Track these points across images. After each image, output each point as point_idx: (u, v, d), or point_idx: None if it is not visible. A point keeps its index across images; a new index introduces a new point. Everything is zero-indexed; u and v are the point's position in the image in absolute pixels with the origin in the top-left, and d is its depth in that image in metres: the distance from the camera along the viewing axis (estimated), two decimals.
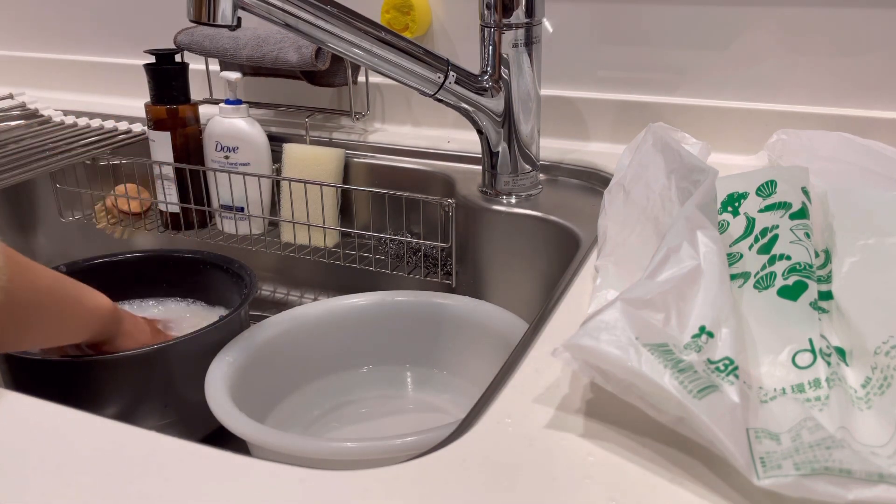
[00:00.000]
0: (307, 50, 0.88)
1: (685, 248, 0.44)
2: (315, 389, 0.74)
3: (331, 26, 0.66)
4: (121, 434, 0.42)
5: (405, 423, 0.72)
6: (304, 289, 1.00)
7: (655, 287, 0.42)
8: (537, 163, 0.82)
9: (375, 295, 0.77)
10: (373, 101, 1.00)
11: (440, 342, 0.76)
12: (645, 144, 0.63)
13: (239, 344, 0.68)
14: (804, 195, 0.50)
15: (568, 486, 0.37)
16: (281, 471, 0.38)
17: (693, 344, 0.40)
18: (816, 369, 0.41)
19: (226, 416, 0.58)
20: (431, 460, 0.39)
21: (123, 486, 0.37)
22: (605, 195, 0.63)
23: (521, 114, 0.78)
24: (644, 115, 0.86)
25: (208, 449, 0.40)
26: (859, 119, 0.79)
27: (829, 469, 0.33)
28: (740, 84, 0.84)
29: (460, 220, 0.82)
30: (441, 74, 0.72)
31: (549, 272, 0.77)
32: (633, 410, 0.39)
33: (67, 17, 1.21)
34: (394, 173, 0.92)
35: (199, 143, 0.93)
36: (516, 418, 0.42)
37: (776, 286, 0.46)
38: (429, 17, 0.94)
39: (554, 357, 0.40)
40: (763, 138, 0.78)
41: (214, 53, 0.94)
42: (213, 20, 0.62)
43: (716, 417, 0.35)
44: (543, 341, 0.50)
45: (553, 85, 0.90)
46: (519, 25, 0.75)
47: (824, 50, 0.80)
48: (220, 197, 0.93)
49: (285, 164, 0.92)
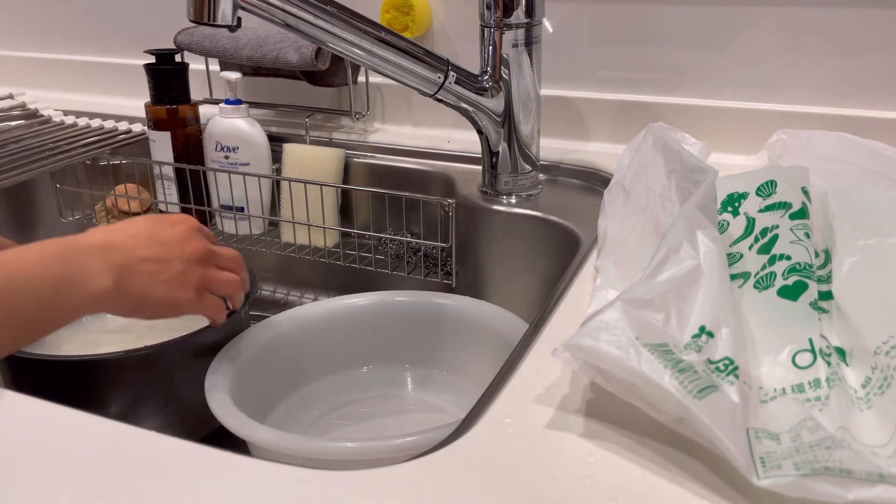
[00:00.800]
0: (307, 50, 0.88)
1: (685, 248, 0.44)
2: (315, 389, 0.74)
3: (331, 26, 0.66)
4: (121, 434, 0.41)
5: (405, 423, 0.72)
6: (304, 289, 1.00)
7: (655, 287, 0.42)
8: (537, 163, 0.82)
9: (375, 295, 0.77)
10: (373, 101, 1.00)
11: (440, 342, 0.76)
12: (645, 144, 0.63)
13: (239, 344, 0.68)
14: (804, 195, 0.50)
15: (568, 486, 0.37)
16: (281, 471, 0.38)
17: (693, 344, 0.40)
18: (816, 369, 0.41)
19: (226, 416, 0.58)
20: (431, 460, 0.39)
21: (123, 486, 0.37)
22: (605, 195, 0.63)
23: (521, 114, 0.78)
24: (644, 115, 0.86)
25: (208, 449, 0.40)
26: (859, 119, 0.79)
27: (829, 469, 0.33)
28: (740, 84, 0.84)
29: (460, 220, 0.82)
30: (441, 74, 0.72)
31: (549, 272, 0.77)
32: (633, 410, 0.39)
33: (67, 17, 1.21)
34: (394, 173, 0.92)
35: (199, 143, 0.93)
36: (516, 418, 0.42)
37: (776, 286, 0.46)
38: (429, 17, 0.94)
39: (554, 357, 0.40)
40: (763, 138, 0.78)
41: (214, 53, 0.94)
42: (213, 20, 0.62)
43: (716, 417, 0.35)
44: (543, 341, 0.50)
45: (553, 85, 0.90)
46: (519, 25, 0.75)
47: (824, 50, 0.80)
48: (220, 197, 0.93)
49: (285, 164, 0.92)
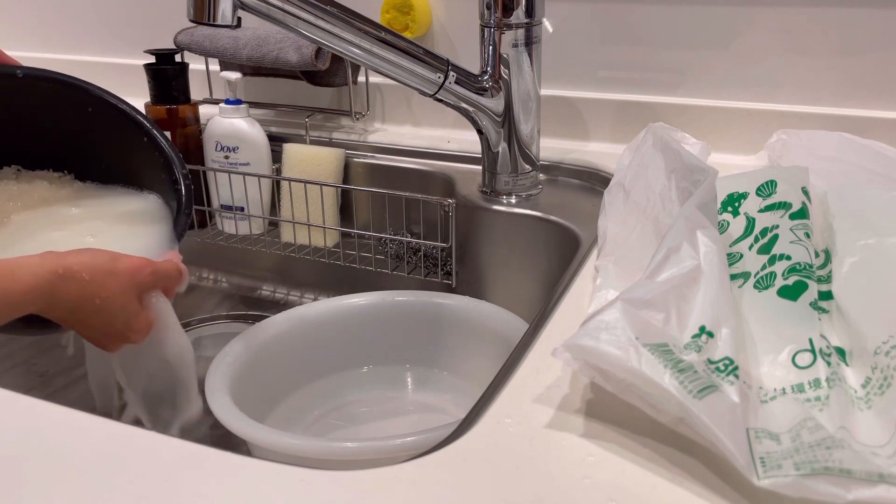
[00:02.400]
0: (307, 50, 0.88)
1: (685, 248, 0.44)
2: (315, 389, 0.74)
3: (331, 26, 0.66)
4: (121, 434, 0.41)
5: (405, 423, 0.72)
6: (304, 289, 1.00)
7: (655, 287, 0.42)
8: (537, 163, 0.82)
9: (375, 295, 0.77)
10: (373, 101, 1.00)
11: (440, 342, 0.76)
12: (645, 144, 0.63)
13: (239, 344, 0.68)
14: (804, 195, 0.50)
15: (568, 486, 0.37)
16: (281, 471, 0.38)
17: (693, 344, 0.40)
18: (816, 369, 0.41)
19: (226, 416, 0.58)
20: (431, 460, 0.39)
21: (123, 486, 0.37)
22: (605, 195, 0.63)
23: (521, 114, 0.78)
24: (644, 115, 0.86)
25: (208, 449, 0.40)
26: (859, 119, 0.79)
27: (829, 469, 0.33)
28: (740, 84, 0.84)
29: (460, 220, 0.82)
30: (441, 74, 0.72)
31: (549, 272, 0.77)
32: (633, 410, 0.39)
33: (67, 17, 1.21)
34: (394, 173, 0.92)
35: (199, 143, 0.93)
36: (516, 418, 0.42)
37: (776, 286, 0.46)
38: (429, 17, 0.94)
39: (554, 357, 0.40)
40: (763, 138, 0.78)
41: (214, 53, 0.94)
42: (213, 20, 0.62)
43: (716, 417, 0.35)
44: (543, 341, 0.50)
45: (553, 85, 0.90)
46: (519, 25, 0.74)
47: (824, 50, 0.80)
48: (220, 197, 0.93)
49: (285, 164, 0.92)
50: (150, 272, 0.54)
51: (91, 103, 0.64)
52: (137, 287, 0.53)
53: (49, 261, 0.49)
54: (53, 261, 0.49)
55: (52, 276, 0.48)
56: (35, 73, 0.63)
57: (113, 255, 0.52)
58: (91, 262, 0.51)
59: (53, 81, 0.63)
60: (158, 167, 0.63)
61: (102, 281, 0.51)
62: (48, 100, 0.64)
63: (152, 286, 0.55)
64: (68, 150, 0.66)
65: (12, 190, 0.65)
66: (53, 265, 0.49)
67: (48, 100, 0.64)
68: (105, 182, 0.67)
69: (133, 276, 0.53)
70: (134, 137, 0.63)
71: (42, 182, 0.66)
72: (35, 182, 0.66)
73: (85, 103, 0.64)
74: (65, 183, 0.67)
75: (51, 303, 0.49)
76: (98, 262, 0.51)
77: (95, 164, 0.67)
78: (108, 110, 0.64)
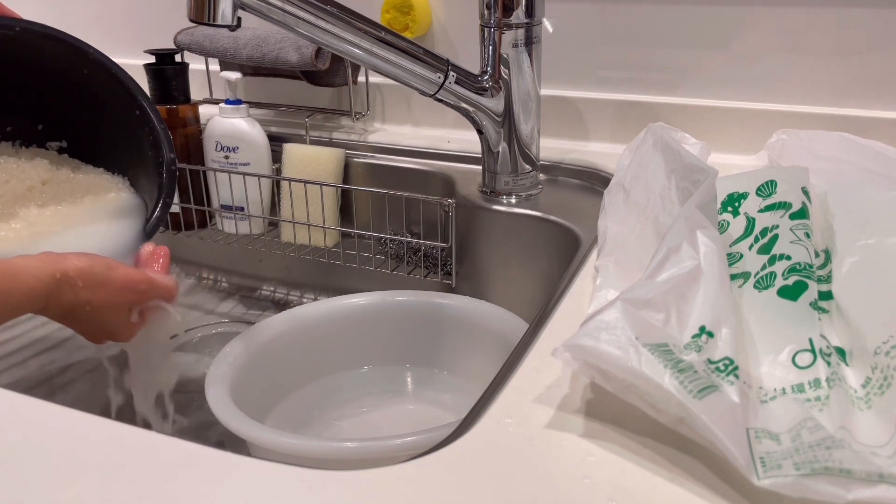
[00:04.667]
0: (307, 50, 0.88)
1: (685, 248, 0.44)
2: (315, 389, 0.74)
3: (331, 26, 0.66)
4: (121, 434, 0.41)
5: (405, 423, 0.72)
6: (304, 289, 1.00)
7: (655, 287, 0.42)
8: (537, 163, 0.82)
9: (375, 295, 0.77)
10: (373, 101, 1.00)
11: (440, 342, 0.76)
12: (645, 144, 0.63)
13: (239, 344, 0.68)
14: (804, 195, 0.50)
15: (568, 486, 0.37)
16: (281, 471, 0.38)
17: (693, 344, 0.40)
18: (816, 369, 0.41)
19: (226, 416, 0.58)
20: (431, 460, 0.39)
21: (123, 486, 0.37)
22: (605, 195, 0.63)
23: (521, 114, 0.78)
24: (644, 115, 0.86)
25: (208, 449, 0.40)
26: (859, 119, 0.79)
27: (829, 469, 0.33)
28: (740, 84, 0.84)
29: (460, 220, 0.82)
30: (441, 74, 0.72)
31: (549, 272, 0.77)
32: (633, 410, 0.39)
33: (67, 18, 1.21)
34: (394, 173, 0.92)
35: (199, 143, 0.93)
36: (516, 418, 0.42)
37: (776, 286, 0.46)
38: (429, 17, 0.94)
39: (554, 357, 0.40)
40: (763, 138, 0.78)
41: (214, 53, 0.94)
42: (213, 20, 0.62)
43: (716, 417, 0.35)
44: (543, 341, 0.50)
45: (553, 85, 0.90)
46: (519, 25, 0.75)
47: (824, 50, 0.80)
48: (220, 197, 0.93)
49: (285, 164, 0.92)
50: (145, 287, 0.55)
51: (88, 66, 0.63)
52: (129, 300, 0.54)
53: (48, 264, 0.50)
54: (52, 264, 0.50)
55: (51, 279, 0.49)
56: (34, 28, 0.60)
57: (109, 264, 0.53)
58: (87, 269, 0.51)
59: (52, 39, 0.61)
60: (147, 144, 0.62)
61: (95, 289, 0.52)
62: (45, 57, 0.63)
63: (144, 300, 0.56)
64: (56, 112, 0.66)
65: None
66: (52, 269, 0.50)
67: (45, 57, 0.63)
68: (87, 156, 0.66)
69: (125, 289, 0.53)
70: (127, 109, 0.63)
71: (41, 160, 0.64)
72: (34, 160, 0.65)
73: (81, 66, 0.63)
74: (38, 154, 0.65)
75: (47, 305, 0.50)
76: (94, 269, 0.52)
77: (81, 128, 0.66)
78: (105, 76, 0.63)
